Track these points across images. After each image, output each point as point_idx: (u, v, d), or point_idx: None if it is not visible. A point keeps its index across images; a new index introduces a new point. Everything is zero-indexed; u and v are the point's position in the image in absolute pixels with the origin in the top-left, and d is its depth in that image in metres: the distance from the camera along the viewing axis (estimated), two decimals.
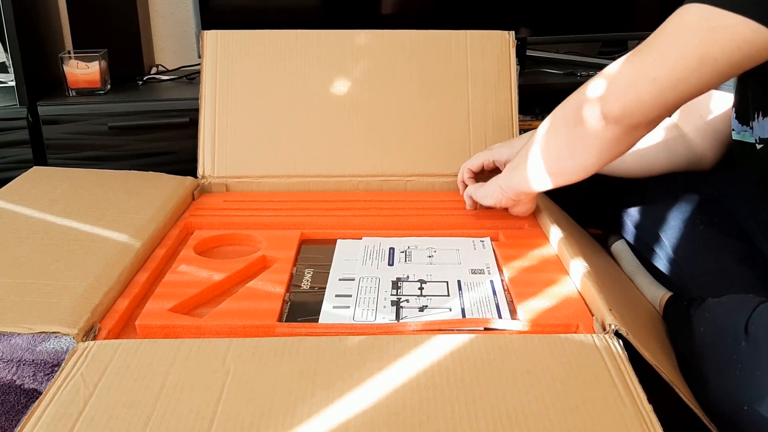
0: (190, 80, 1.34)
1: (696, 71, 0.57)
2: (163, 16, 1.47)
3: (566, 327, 0.64)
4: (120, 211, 0.83)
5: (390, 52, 1.02)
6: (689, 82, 0.58)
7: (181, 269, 0.74)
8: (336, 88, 1.01)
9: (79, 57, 1.21)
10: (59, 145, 1.18)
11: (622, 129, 0.63)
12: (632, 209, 0.89)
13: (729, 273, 0.73)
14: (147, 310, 0.66)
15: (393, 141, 1.00)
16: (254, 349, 0.57)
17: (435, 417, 0.49)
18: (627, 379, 0.53)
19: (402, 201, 0.94)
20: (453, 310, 0.67)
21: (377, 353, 0.56)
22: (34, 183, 0.92)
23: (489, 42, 1.02)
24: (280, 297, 0.68)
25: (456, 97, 1.01)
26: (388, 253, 0.79)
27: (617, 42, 1.46)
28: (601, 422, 0.49)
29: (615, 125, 0.63)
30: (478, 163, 0.90)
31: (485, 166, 0.90)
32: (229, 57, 1.01)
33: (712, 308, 0.63)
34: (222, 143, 0.99)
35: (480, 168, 0.91)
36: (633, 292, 0.80)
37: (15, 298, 0.64)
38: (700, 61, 0.57)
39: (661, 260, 0.81)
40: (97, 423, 0.49)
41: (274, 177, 0.98)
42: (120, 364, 0.55)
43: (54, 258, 0.71)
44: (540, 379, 0.53)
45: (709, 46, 0.56)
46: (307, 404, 0.51)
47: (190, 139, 1.03)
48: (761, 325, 0.55)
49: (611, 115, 0.62)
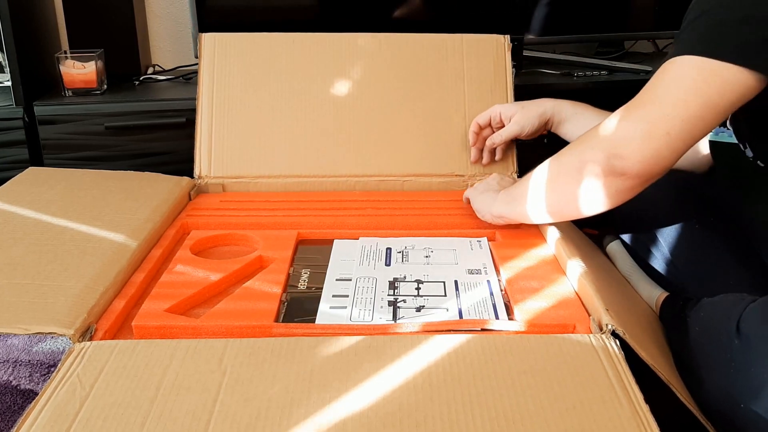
0: (187, 80, 1.33)
1: (701, 119, 0.62)
2: (159, 16, 1.46)
3: (563, 327, 0.64)
4: (116, 212, 0.83)
5: (387, 54, 1.02)
6: (697, 129, 0.62)
7: (178, 269, 0.74)
8: (333, 89, 1.01)
9: (75, 57, 1.21)
10: (55, 146, 1.17)
11: (641, 181, 0.66)
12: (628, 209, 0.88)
13: (725, 273, 0.74)
14: (143, 310, 0.65)
15: (390, 142, 1.00)
16: (251, 350, 0.57)
17: (432, 417, 0.49)
18: (624, 378, 0.54)
19: (399, 201, 0.94)
20: (450, 310, 0.67)
21: (374, 354, 0.56)
22: (30, 183, 0.92)
23: (485, 45, 1.03)
24: (276, 297, 0.68)
25: (452, 98, 1.01)
26: (385, 254, 0.79)
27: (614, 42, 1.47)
28: (598, 422, 0.49)
29: (635, 179, 0.66)
30: (485, 117, 0.96)
31: (492, 120, 0.96)
32: (226, 59, 1.01)
33: (706, 308, 0.64)
34: (219, 143, 0.99)
35: (488, 122, 0.97)
36: (629, 292, 0.80)
37: (11, 299, 0.63)
38: (704, 109, 0.61)
39: (657, 260, 0.81)
40: (93, 424, 0.49)
41: (271, 177, 0.98)
42: (116, 365, 0.55)
43: (50, 258, 0.71)
44: (537, 379, 0.53)
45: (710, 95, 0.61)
46: (304, 405, 0.51)
47: (187, 140, 1.03)
48: (752, 324, 0.56)
49: (632, 172, 0.65)
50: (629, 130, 0.64)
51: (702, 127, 0.62)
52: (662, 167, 0.65)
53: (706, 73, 0.61)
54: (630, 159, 0.64)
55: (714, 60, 0.60)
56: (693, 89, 0.61)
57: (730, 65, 0.60)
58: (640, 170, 0.64)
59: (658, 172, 0.65)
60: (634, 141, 0.64)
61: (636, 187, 0.67)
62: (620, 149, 0.65)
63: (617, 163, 0.65)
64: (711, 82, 0.61)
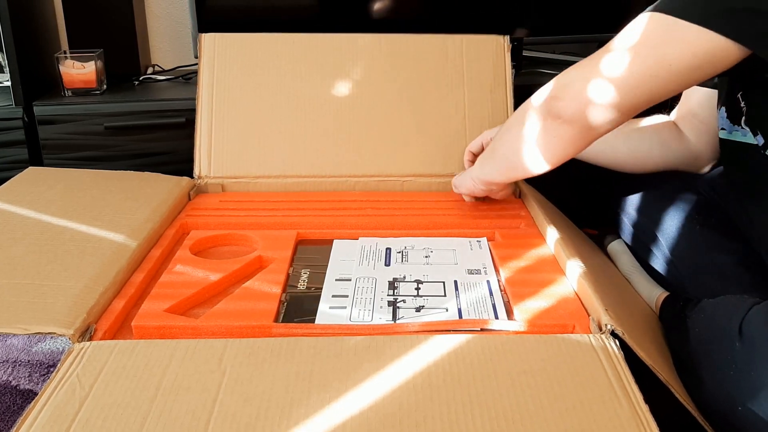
0: (187, 80, 1.33)
1: (655, 76, 0.59)
2: (159, 16, 1.46)
3: (563, 327, 0.64)
4: (116, 212, 0.83)
5: (386, 55, 1.02)
6: (646, 87, 0.59)
7: (177, 269, 0.74)
8: (333, 89, 1.01)
9: (75, 57, 1.21)
10: (55, 146, 1.18)
11: (577, 129, 0.64)
12: (629, 209, 0.89)
13: (725, 273, 0.74)
14: (143, 310, 0.65)
15: (389, 142, 1.00)
16: (251, 350, 0.57)
17: (432, 417, 0.49)
18: (623, 379, 0.54)
19: (398, 201, 0.94)
20: (450, 310, 0.67)
21: (374, 354, 0.56)
22: (30, 183, 0.92)
23: (484, 45, 1.03)
24: (276, 297, 0.68)
25: (452, 99, 1.01)
26: (384, 254, 0.79)
27: None
28: (597, 422, 0.49)
29: (569, 125, 0.64)
30: (478, 144, 0.93)
31: (485, 146, 0.93)
32: (226, 59, 1.01)
33: (706, 309, 0.64)
34: (218, 143, 0.99)
35: (480, 148, 0.94)
36: (629, 292, 0.80)
37: (10, 299, 0.63)
38: (657, 66, 0.58)
39: (657, 260, 0.81)
40: (92, 424, 0.49)
41: (271, 177, 0.98)
42: (116, 365, 0.55)
43: (50, 258, 0.71)
44: (537, 380, 0.53)
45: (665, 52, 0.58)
46: (304, 405, 0.51)
47: (187, 140, 1.03)
48: (755, 326, 0.56)
49: (567, 115, 0.63)
50: (573, 74, 0.63)
51: (653, 86, 0.59)
52: (603, 118, 0.62)
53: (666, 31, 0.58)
54: (566, 100, 0.63)
55: (676, 18, 0.57)
56: (647, 42, 0.59)
57: (691, 25, 0.57)
58: (574, 113, 0.62)
59: (598, 122, 0.62)
60: (575, 83, 0.62)
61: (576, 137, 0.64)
62: (559, 91, 0.64)
63: (554, 104, 0.64)
64: (668, 39, 0.58)
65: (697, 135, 0.87)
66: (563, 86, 0.64)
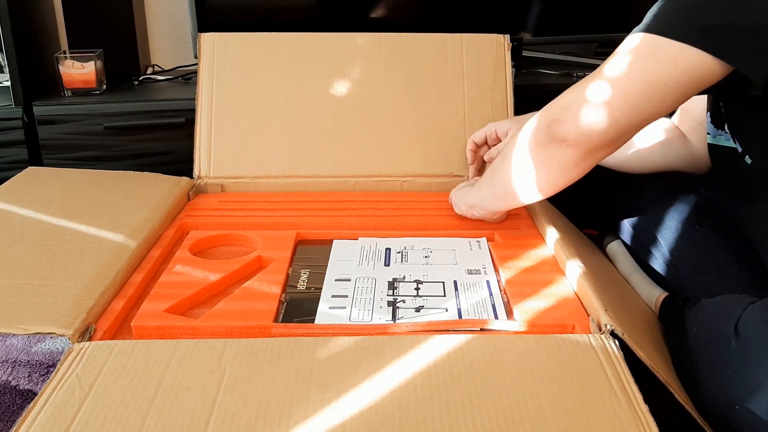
0: (186, 80, 1.33)
1: (647, 97, 0.60)
2: (159, 16, 1.46)
3: (562, 327, 0.64)
4: (115, 212, 0.83)
5: (386, 54, 1.02)
6: (642, 107, 0.61)
7: (177, 270, 0.74)
8: (332, 89, 1.01)
9: (74, 57, 1.21)
10: (55, 146, 1.17)
11: (582, 152, 0.65)
12: (628, 210, 0.89)
13: (724, 274, 0.74)
14: (142, 310, 0.65)
15: (389, 142, 1.00)
16: (250, 350, 0.57)
17: (431, 418, 0.49)
18: (623, 379, 0.54)
19: (398, 201, 0.94)
20: (449, 310, 0.67)
21: (374, 354, 0.56)
22: (30, 183, 0.92)
23: (484, 45, 1.03)
24: (276, 297, 0.68)
25: (452, 98, 1.01)
26: (384, 254, 0.79)
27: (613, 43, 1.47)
28: (597, 422, 0.49)
29: (574, 148, 0.64)
30: (481, 135, 0.94)
31: (489, 138, 0.94)
32: (226, 59, 1.01)
33: (705, 309, 0.64)
34: (218, 144, 0.99)
35: (483, 140, 0.94)
36: (629, 293, 0.80)
37: (10, 299, 0.63)
38: (650, 86, 0.60)
39: (657, 260, 0.81)
40: (92, 424, 0.49)
41: (270, 177, 0.98)
42: (115, 365, 0.55)
43: (49, 258, 0.71)
44: (536, 380, 0.53)
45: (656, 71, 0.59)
46: (303, 405, 0.51)
47: (186, 140, 1.02)
48: (750, 325, 0.56)
49: (570, 138, 0.64)
50: (571, 98, 0.64)
51: (648, 106, 0.60)
52: (604, 140, 0.63)
53: (655, 49, 0.59)
54: (567, 124, 0.63)
55: (664, 38, 0.59)
56: (638, 64, 0.60)
57: (679, 44, 0.58)
58: (578, 137, 0.63)
59: (599, 144, 0.63)
60: (573, 106, 0.63)
61: (579, 160, 0.65)
62: (560, 114, 0.64)
63: (556, 128, 0.64)
64: (658, 59, 0.59)
65: (697, 137, 0.87)
66: (564, 109, 0.64)
